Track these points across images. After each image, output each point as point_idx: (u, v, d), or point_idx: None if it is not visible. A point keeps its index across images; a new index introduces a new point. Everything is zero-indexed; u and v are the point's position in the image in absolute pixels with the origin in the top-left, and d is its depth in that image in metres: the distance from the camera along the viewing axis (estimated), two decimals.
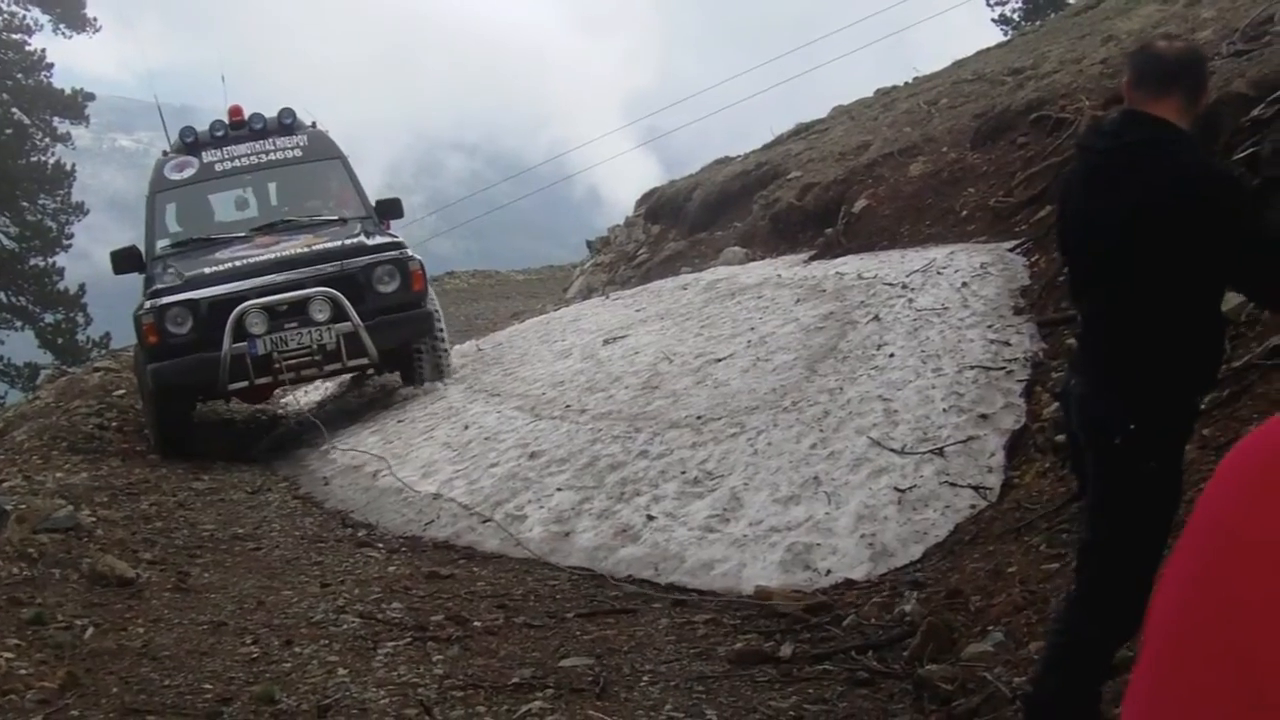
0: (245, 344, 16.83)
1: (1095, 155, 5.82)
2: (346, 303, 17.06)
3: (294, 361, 17.08)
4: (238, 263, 17.55)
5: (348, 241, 18.01)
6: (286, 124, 20.19)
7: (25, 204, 49.34)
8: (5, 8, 50.48)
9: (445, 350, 19.25)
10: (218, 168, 19.77)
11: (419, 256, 18.32)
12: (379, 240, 18.22)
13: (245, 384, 17.22)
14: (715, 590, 9.45)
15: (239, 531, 12.91)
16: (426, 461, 14.35)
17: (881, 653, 7.82)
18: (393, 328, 17.67)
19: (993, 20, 42.59)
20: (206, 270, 17.43)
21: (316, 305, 17.07)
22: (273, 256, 17.59)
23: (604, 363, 16.20)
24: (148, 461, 16.52)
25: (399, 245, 18.23)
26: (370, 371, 20.02)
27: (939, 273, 14.20)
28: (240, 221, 20.00)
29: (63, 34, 51.96)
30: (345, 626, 9.38)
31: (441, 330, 19.06)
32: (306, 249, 17.77)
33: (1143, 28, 17.51)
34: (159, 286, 17.31)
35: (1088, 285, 5.92)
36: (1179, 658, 1.82)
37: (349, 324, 17.10)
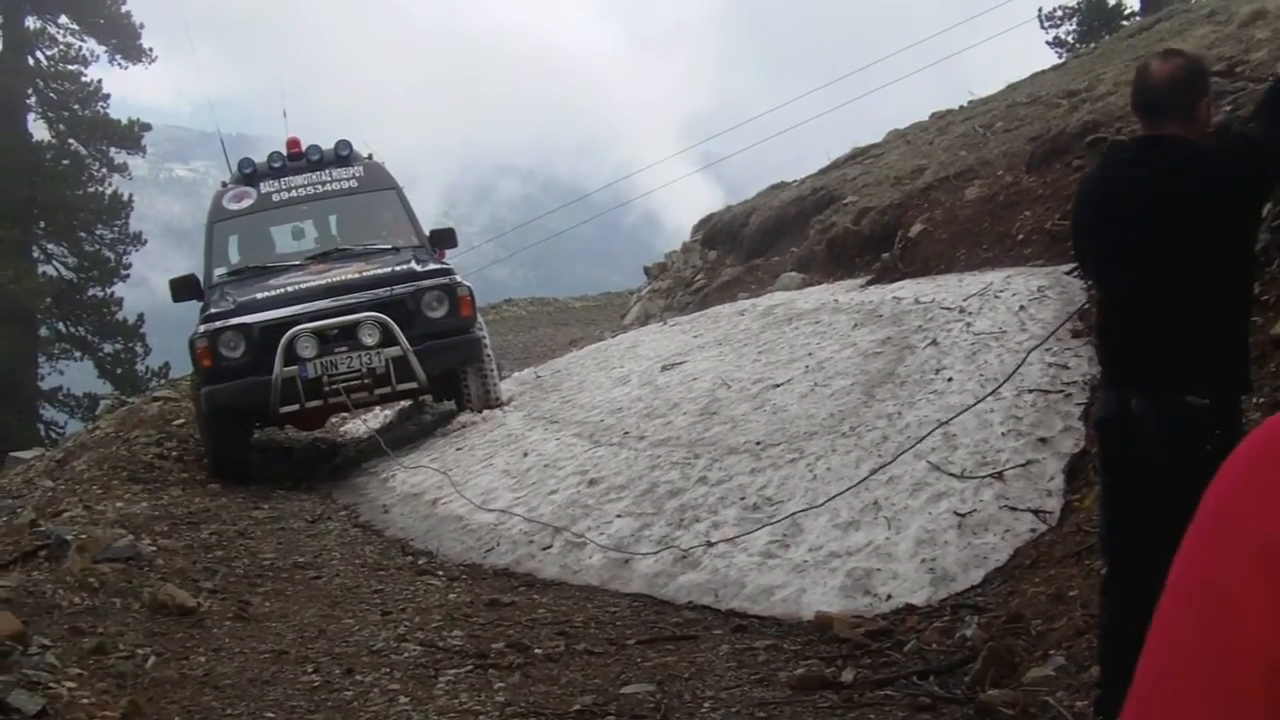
0: (296, 368, 16.99)
1: (1115, 183, 6.00)
2: (395, 327, 17.21)
3: (344, 385, 17.22)
4: (289, 288, 17.79)
5: (398, 268, 18.19)
6: (343, 155, 20.41)
7: (83, 234, 49.62)
8: (61, 39, 50.87)
9: (494, 376, 19.32)
10: (275, 198, 20.02)
11: (468, 283, 18.49)
12: (429, 267, 18.36)
13: (296, 407, 17.38)
14: (776, 616, 9.43)
15: (299, 560, 12.94)
16: (486, 489, 14.36)
17: (943, 678, 7.79)
18: (441, 353, 17.82)
19: (1047, 43, 42.31)
20: (259, 295, 17.71)
21: (366, 330, 17.23)
22: (324, 282, 17.82)
23: (662, 389, 16.19)
24: (208, 491, 16.58)
25: (448, 271, 18.46)
26: (427, 398, 20.15)
27: (996, 296, 14.14)
28: (297, 251, 20.17)
29: (119, 65, 52.32)
30: (406, 654, 9.39)
31: (489, 356, 19.12)
32: (357, 275, 17.99)
33: (1196, 49, 17.42)
34: (213, 311, 17.60)
35: (1140, 307, 5.99)
36: (1167, 647, 1.86)
37: (398, 348, 17.24)
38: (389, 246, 19.50)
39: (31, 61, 50.26)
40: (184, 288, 19.15)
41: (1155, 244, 5.74)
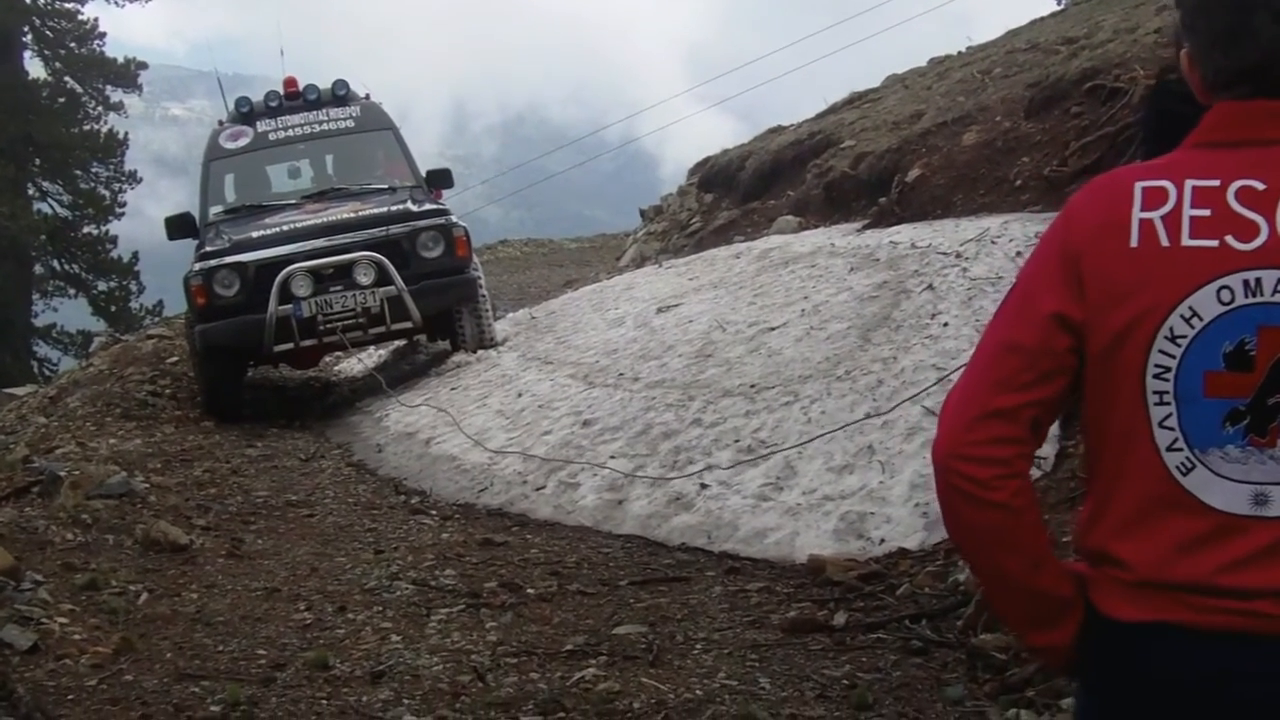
0: (291, 306, 16.95)
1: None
2: (390, 267, 17.17)
3: (339, 324, 17.21)
4: (285, 227, 17.76)
5: (393, 208, 18.19)
6: (340, 95, 20.33)
7: (78, 172, 49.58)
8: None
9: (489, 316, 19.30)
10: (271, 137, 19.93)
11: (463, 223, 18.45)
12: (425, 207, 18.34)
13: (290, 346, 17.39)
14: (769, 558, 9.42)
15: (292, 498, 12.94)
16: (480, 429, 14.32)
17: (935, 621, 7.79)
18: (436, 292, 17.77)
19: None
20: (254, 234, 17.67)
21: (361, 269, 17.18)
22: (319, 221, 17.78)
23: (657, 331, 16.16)
24: (201, 428, 16.57)
25: (444, 212, 18.45)
26: (422, 338, 20.15)
27: (993, 242, 14.11)
28: (293, 190, 20.13)
29: (115, 3, 52.07)
30: (399, 593, 9.40)
31: (484, 296, 19.11)
32: (353, 214, 17.96)
33: None
34: (208, 250, 17.56)
35: None
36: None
37: (393, 288, 17.20)
38: (385, 186, 19.47)
39: None
40: (179, 226, 19.16)
41: None
